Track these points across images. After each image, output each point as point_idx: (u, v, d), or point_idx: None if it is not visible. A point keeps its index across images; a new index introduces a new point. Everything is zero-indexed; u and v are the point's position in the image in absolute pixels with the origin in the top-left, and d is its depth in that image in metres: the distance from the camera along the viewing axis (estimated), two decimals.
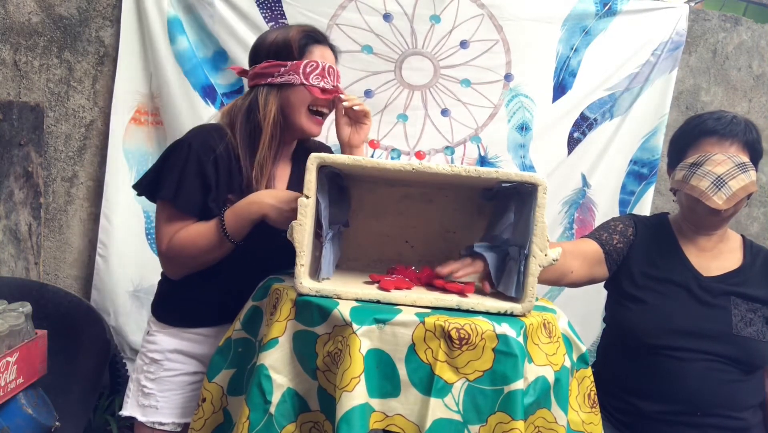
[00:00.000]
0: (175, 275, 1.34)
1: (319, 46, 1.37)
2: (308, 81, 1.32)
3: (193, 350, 1.39)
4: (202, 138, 1.30)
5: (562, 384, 1.06)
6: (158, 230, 1.31)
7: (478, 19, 2.31)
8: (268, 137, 1.33)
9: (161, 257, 1.32)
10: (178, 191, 1.25)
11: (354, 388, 0.94)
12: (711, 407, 1.36)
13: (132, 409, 1.40)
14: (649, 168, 2.48)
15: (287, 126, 1.36)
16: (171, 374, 1.39)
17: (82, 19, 2.27)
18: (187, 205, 1.27)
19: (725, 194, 1.34)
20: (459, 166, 1.06)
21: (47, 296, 2.07)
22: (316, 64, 1.33)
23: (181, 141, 1.31)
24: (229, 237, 1.23)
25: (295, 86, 1.33)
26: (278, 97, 1.34)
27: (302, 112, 1.35)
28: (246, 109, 1.35)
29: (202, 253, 1.26)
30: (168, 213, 1.29)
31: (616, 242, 1.50)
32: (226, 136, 1.32)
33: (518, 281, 1.09)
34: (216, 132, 1.33)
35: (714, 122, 1.40)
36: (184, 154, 1.27)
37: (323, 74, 1.34)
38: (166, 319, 1.40)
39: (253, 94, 1.36)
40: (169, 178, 1.27)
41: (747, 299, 1.43)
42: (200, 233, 1.26)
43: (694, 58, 2.56)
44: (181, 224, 1.28)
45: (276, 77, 1.33)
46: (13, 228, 2.21)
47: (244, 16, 2.22)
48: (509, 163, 2.40)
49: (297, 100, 1.34)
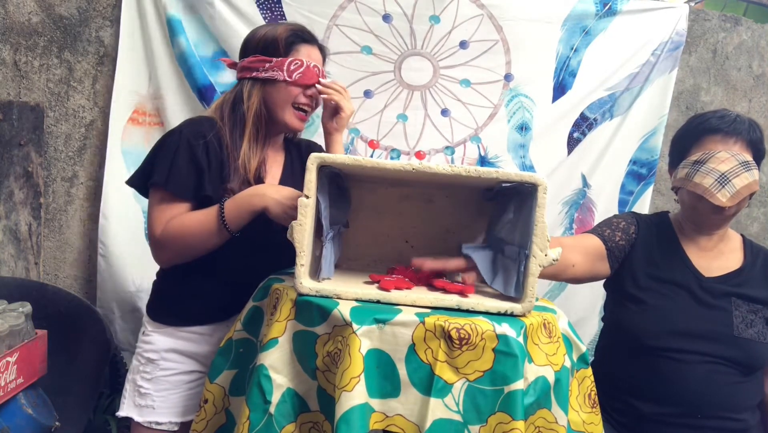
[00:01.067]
0: (165, 262, 1.34)
1: (306, 46, 1.40)
2: (291, 78, 1.35)
3: (188, 348, 1.39)
4: (193, 126, 1.33)
5: (563, 384, 1.06)
6: (151, 216, 1.30)
7: (477, 19, 2.31)
8: (251, 129, 1.36)
9: (153, 244, 1.31)
10: (170, 175, 1.27)
11: (354, 388, 0.94)
12: (712, 408, 1.36)
13: (128, 409, 1.40)
14: (648, 168, 2.47)
15: (270, 119, 1.40)
16: (167, 373, 1.39)
17: (82, 19, 2.27)
18: (179, 188, 1.28)
19: (729, 192, 1.33)
20: (459, 167, 1.06)
21: (47, 296, 2.07)
22: (300, 62, 1.36)
23: (172, 131, 1.34)
24: (227, 226, 1.23)
25: (278, 82, 1.36)
26: (261, 90, 1.38)
27: (285, 109, 1.38)
28: (232, 101, 1.39)
29: (197, 241, 1.26)
30: (160, 196, 1.29)
31: (618, 239, 1.49)
32: (216, 126, 1.34)
33: (518, 281, 1.09)
34: (207, 122, 1.36)
35: (718, 120, 1.40)
36: (175, 140, 1.29)
37: (307, 72, 1.37)
38: (161, 318, 1.40)
39: (239, 86, 1.40)
40: (160, 164, 1.28)
41: (747, 300, 1.42)
42: (198, 220, 1.26)
43: (694, 58, 2.56)
44: (175, 208, 1.28)
45: (261, 72, 1.36)
46: (13, 228, 2.21)
47: (244, 16, 2.22)
48: (509, 163, 2.40)
49: (280, 97, 1.37)
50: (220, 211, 1.24)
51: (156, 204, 1.30)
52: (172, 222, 1.27)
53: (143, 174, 1.33)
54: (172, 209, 1.28)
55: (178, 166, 1.27)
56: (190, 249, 1.29)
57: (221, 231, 1.24)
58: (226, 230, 1.24)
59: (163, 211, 1.28)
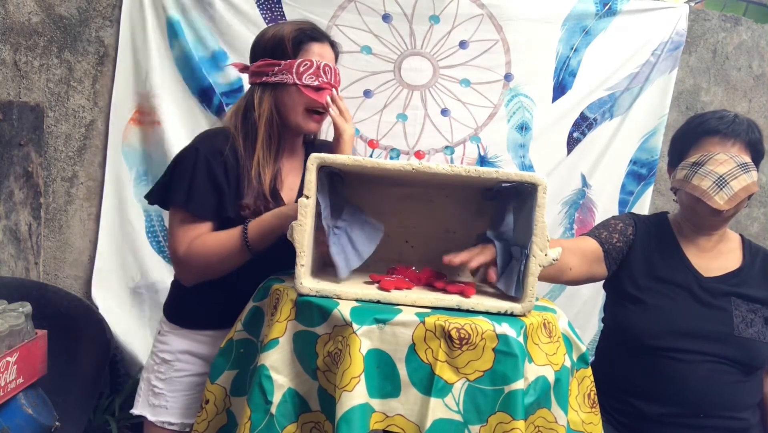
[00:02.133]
0: (189, 281, 1.33)
1: (316, 44, 1.34)
2: (301, 81, 1.30)
3: (203, 351, 1.40)
4: (209, 142, 1.30)
5: (563, 384, 1.06)
6: (173, 236, 1.29)
7: (477, 19, 2.31)
8: (263, 136, 1.32)
9: (177, 263, 1.30)
10: (189, 196, 1.25)
11: (354, 388, 0.94)
12: (713, 408, 1.36)
13: (142, 408, 1.41)
14: (648, 168, 2.47)
15: (284, 124, 1.36)
16: (181, 374, 1.39)
17: (82, 19, 2.26)
18: (200, 209, 1.26)
19: (727, 194, 1.33)
20: (459, 167, 1.06)
21: (47, 296, 2.07)
22: (310, 63, 1.31)
23: (189, 147, 1.31)
24: (251, 248, 1.22)
25: (289, 86, 1.31)
26: (272, 96, 1.33)
27: (299, 112, 1.34)
28: (243, 109, 1.36)
29: (220, 262, 1.25)
30: (181, 217, 1.27)
31: (616, 241, 1.50)
32: (231, 138, 1.32)
33: (518, 281, 1.09)
34: (222, 135, 1.33)
35: (716, 122, 1.40)
36: (193, 158, 1.27)
37: (318, 73, 1.32)
38: (178, 320, 1.41)
39: (250, 93, 1.36)
40: (179, 183, 1.26)
41: (747, 299, 1.42)
42: (221, 242, 1.24)
43: (694, 58, 2.56)
44: (197, 228, 1.27)
45: (270, 76, 1.32)
46: (13, 228, 2.21)
47: (244, 16, 2.22)
48: (509, 163, 2.40)
49: (292, 101, 1.33)
50: (243, 234, 1.22)
51: (178, 224, 1.28)
52: (194, 243, 1.25)
53: (162, 191, 1.31)
54: (194, 230, 1.26)
55: (197, 187, 1.25)
56: (212, 269, 1.27)
57: (244, 253, 1.23)
58: (249, 252, 1.23)
59: (185, 232, 1.26)
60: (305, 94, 1.32)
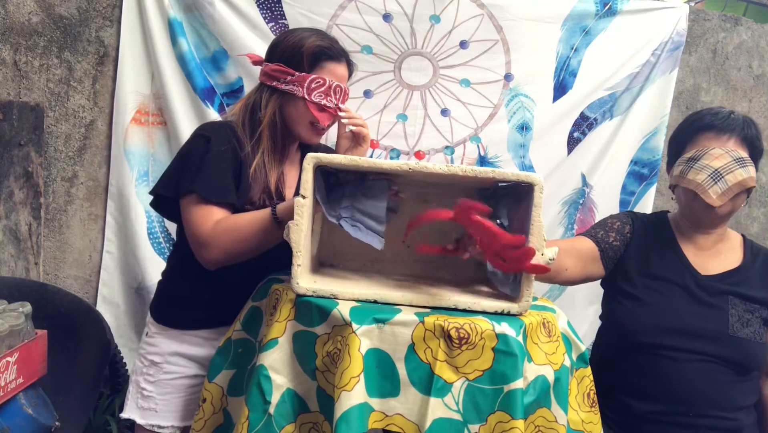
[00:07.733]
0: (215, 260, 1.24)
1: (332, 63, 1.35)
2: (309, 97, 1.32)
3: (193, 352, 1.38)
4: (215, 131, 1.30)
5: (562, 383, 1.06)
6: (192, 222, 1.23)
7: (477, 19, 2.30)
8: (268, 141, 1.33)
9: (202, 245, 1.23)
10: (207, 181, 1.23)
11: (353, 387, 0.94)
12: (705, 408, 1.35)
13: (131, 411, 1.39)
14: (650, 168, 2.47)
15: (286, 131, 1.37)
16: (170, 377, 1.38)
17: (82, 19, 2.27)
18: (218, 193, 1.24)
19: (721, 188, 1.33)
20: (455, 166, 1.06)
21: (47, 296, 2.07)
22: (322, 81, 1.32)
23: (195, 136, 1.30)
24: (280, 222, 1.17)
25: (297, 98, 1.32)
26: (279, 101, 1.34)
27: (303, 125, 1.35)
28: (251, 106, 1.36)
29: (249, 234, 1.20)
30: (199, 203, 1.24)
31: (612, 240, 1.49)
32: (236, 132, 1.32)
33: (515, 280, 1.09)
34: (227, 127, 1.33)
35: (711, 117, 1.40)
36: (204, 147, 1.26)
37: (327, 92, 1.33)
38: (167, 321, 1.39)
39: (259, 92, 1.37)
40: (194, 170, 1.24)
41: (745, 299, 1.42)
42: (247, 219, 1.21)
43: (694, 58, 2.56)
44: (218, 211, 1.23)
45: (281, 83, 1.33)
46: (13, 228, 2.21)
47: (244, 16, 2.22)
48: (509, 163, 2.40)
49: (297, 113, 1.34)
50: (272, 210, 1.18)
51: (195, 209, 1.23)
52: (220, 222, 1.22)
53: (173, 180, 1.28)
54: (215, 213, 1.23)
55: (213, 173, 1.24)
56: (241, 246, 1.21)
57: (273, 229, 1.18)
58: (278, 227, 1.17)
59: (206, 215, 1.23)
60: (311, 110, 1.33)
